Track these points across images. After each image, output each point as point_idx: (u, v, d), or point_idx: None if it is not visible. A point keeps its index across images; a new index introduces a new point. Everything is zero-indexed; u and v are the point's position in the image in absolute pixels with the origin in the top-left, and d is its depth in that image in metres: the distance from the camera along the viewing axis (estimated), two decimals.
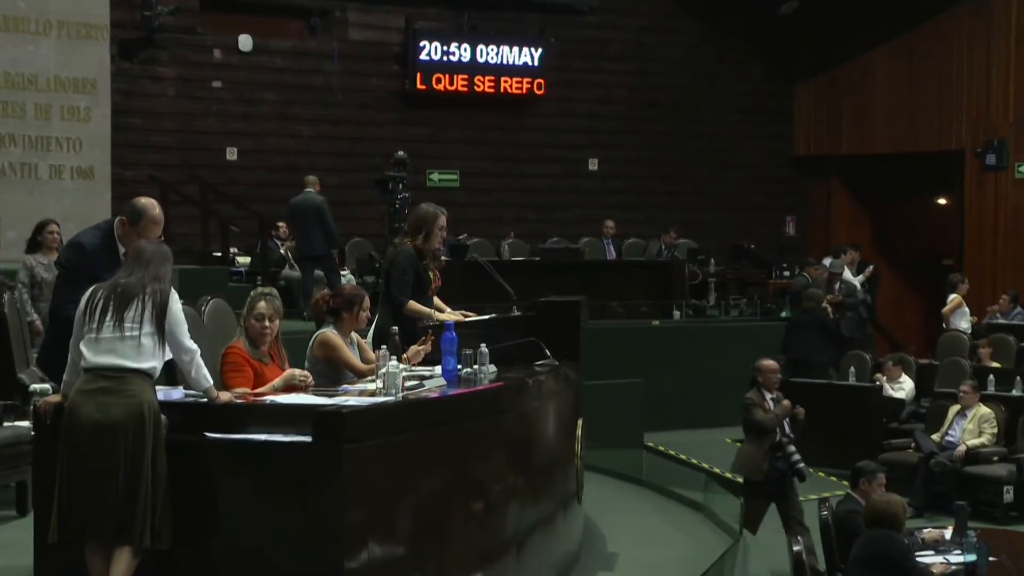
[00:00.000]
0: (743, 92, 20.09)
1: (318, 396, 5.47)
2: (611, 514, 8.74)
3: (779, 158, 20.49)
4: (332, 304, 6.77)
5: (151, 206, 5.91)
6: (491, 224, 18.20)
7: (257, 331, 5.99)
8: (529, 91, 18.60)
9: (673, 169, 19.55)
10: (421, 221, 7.69)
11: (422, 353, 6.55)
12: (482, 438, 5.70)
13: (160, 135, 16.57)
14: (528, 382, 6.35)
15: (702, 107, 19.73)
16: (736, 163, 19.93)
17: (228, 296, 7.21)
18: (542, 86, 18.63)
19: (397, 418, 5.05)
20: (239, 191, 16.55)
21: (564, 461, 7.09)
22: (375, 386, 5.49)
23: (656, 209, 19.22)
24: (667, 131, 19.56)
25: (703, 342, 14.85)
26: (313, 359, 6.65)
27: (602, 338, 12.91)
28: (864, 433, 12.68)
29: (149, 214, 5.87)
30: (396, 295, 7.49)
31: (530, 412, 6.36)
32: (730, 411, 13.76)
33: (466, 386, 6.01)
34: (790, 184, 20.61)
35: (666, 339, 14.73)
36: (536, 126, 18.93)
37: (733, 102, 19.97)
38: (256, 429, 4.98)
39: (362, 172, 16.70)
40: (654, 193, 19.45)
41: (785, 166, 20.60)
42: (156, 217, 5.89)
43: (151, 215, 5.87)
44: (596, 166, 19.44)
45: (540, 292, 8.16)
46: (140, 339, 5.01)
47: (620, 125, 19.42)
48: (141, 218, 5.83)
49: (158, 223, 5.89)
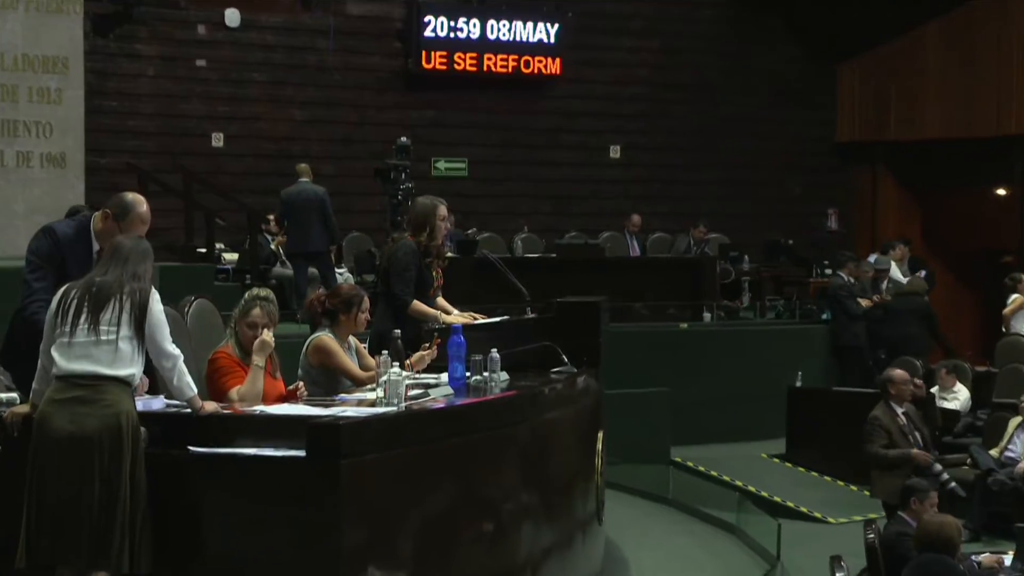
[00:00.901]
0: (780, 72, 20.04)
1: (313, 406, 5.47)
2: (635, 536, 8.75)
3: (820, 145, 20.43)
4: (328, 305, 6.78)
5: (139, 202, 5.91)
6: (502, 217, 18.17)
7: (249, 340, 5.99)
8: (544, 71, 18.58)
9: (702, 157, 19.51)
10: (421, 217, 7.71)
11: (427, 359, 6.55)
12: (493, 452, 5.70)
13: (139, 119, 16.58)
14: (543, 391, 6.35)
15: (734, 88, 19.68)
16: (772, 150, 19.87)
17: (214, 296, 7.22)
18: (559, 65, 18.61)
19: (399, 430, 5.05)
20: (226, 180, 16.54)
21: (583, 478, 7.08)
22: (375, 395, 5.49)
23: (684, 201, 19.17)
24: (696, 115, 19.52)
25: (736, 347, 14.81)
26: (307, 366, 6.65)
27: (625, 343, 12.89)
28: None
29: (137, 211, 5.87)
30: (398, 294, 7.49)
31: (546, 424, 6.35)
32: (766, 422, 13.78)
33: (475, 395, 6.02)
34: (832, 173, 20.55)
35: (695, 344, 14.70)
36: (552, 109, 18.90)
37: (769, 83, 19.91)
38: (245, 442, 4.98)
39: (360, 160, 16.68)
40: (681, 183, 19.41)
41: (826, 153, 20.54)
42: (144, 215, 5.89)
43: (139, 212, 5.87)
44: (618, 153, 19.40)
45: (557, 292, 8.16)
46: (117, 343, 5.01)
47: (644, 108, 19.38)
48: (128, 214, 5.83)
49: (145, 222, 5.89)
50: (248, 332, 6.03)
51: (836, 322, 15.34)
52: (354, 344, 6.90)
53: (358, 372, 6.63)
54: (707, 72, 19.64)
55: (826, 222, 19.62)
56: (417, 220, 7.72)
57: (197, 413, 5.17)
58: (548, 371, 6.86)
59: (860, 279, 15.85)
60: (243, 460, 4.87)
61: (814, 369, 14.59)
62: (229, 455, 4.93)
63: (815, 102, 20.36)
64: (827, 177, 20.43)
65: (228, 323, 6.25)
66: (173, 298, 6.95)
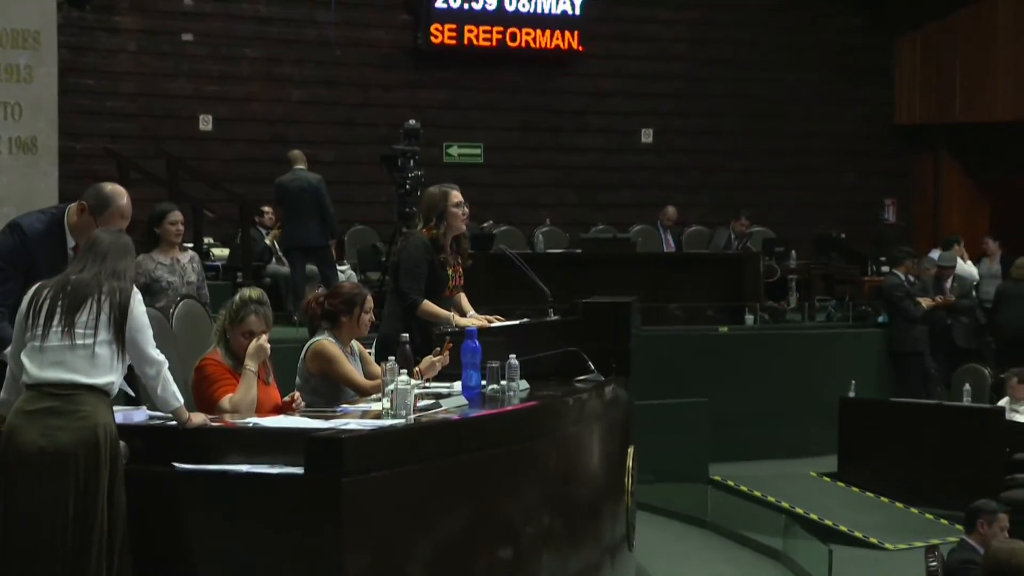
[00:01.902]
0: (831, 46, 20.00)
1: (311, 418, 5.48)
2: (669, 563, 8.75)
3: (876, 127, 20.40)
4: (328, 306, 6.79)
5: (119, 194, 5.92)
6: (522, 209, 18.18)
7: (243, 348, 6.01)
8: (568, 46, 18.57)
9: (745, 141, 19.49)
10: (431, 206, 7.72)
11: (438, 366, 6.55)
12: (511, 470, 5.70)
13: (118, 99, 16.64)
14: (567, 402, 6.35)
15: (781, 64, 19.65)
16: (823, 133, 19.84)
17: None
18: (584, 40, 18.60)
19: (408, 445, 5.06)
20: (215, 168, 16.59)
21: (612, 498, 7.08)
22: (381, 406, 5.50)
23: (724, 190, 19.15)
24: (738, 95, 19.50)
25: (782, 353, 14.78)
26: (305, 373, 6.66)
27: (658, 348, 12.87)
28: (982, 465, 12.59)
29: (117, 204, 5.87)
30: (407, 292, 7.50)
31: (570, 438, 6.35)
32: (816, 437, 13.76)
33: (492, 406, 6.02)
34: (889, 159, 20.51)
35: (737, 349, 14.68)
36: (577, 89, 18.91)
37: (819, 59, 19.88)
38: (236, 458, 4.99)
39: (365, 145, 16.71)
40: (721, 171, 19.39)
41: (884, 137, 20.50)
42: (124, 209, 5.90)
43: (119, 206, 5.88)
44: (650, 138, 19.40)
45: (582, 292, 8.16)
46: (94, 349, 5.02)
47: (680, 87, 19.37)
48: (107, 208, 5.83)
49: (126, 216, 5.89)
50: (243, 341, 6.04)
51: (894, 326, 15.31)
52: (357, 349, 6.91)
53: (362, 380, 6.64)
54: (751, 46, 19.61)
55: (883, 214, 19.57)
56: (427, 211, 7.73)
57: (183, 426, 5.18)
58: (572, 380, 6.85)
59: (921, 278, 15.81)
60: (234, 478, 4.87)
61: (869, 378, 14.55)
62: (219, 472, 4.93)
63: (871, 79, 20.32)
64: (884, 163, 20.39)
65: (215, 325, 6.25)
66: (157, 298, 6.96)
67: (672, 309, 15.12)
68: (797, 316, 16.41)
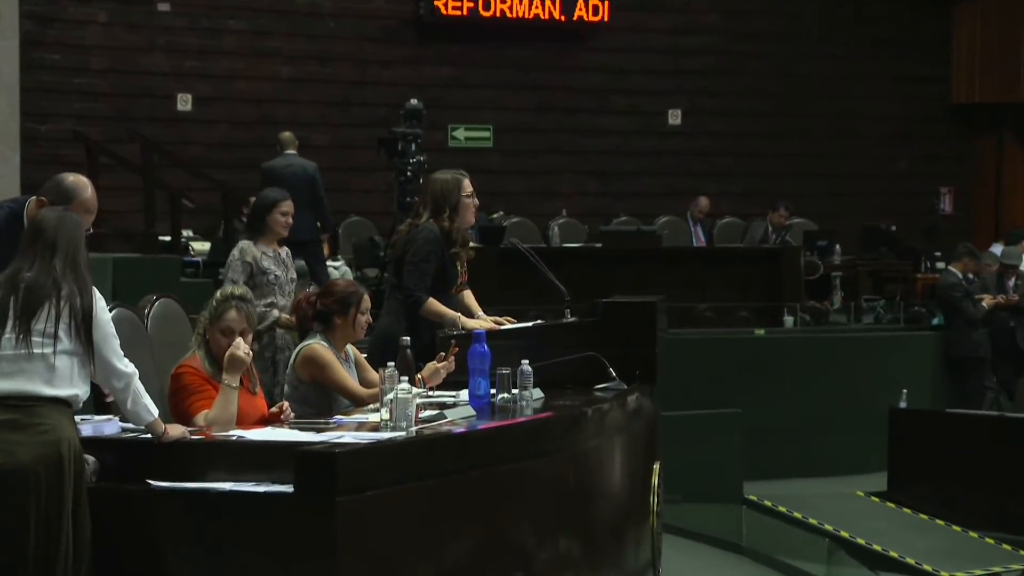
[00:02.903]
0: (880, 18, 19.99)
1: (302, 430, 5.49)
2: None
3: (930, 107, 20.37)
4: (319, 306, 6.79)
5: (83, 186, 5.91)
6: (536, 198, 18.18)
7: (223, 349, 6.01)
8: (589, 17, 18.57)
9: (784, 123, 19.48)
10: (442, 194, 7.71)
11: (443, 372, 6.56)
12: (524, 488, 5.70)
13: (87, 76, 16.65)
14: (586, 412, 6.35)
15: (824, 38, 19.64)
16: (871, 114, 19.82)
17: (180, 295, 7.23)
18: (606, 10, 18.61)
19: (409, 460, 5.06)
20: (195, 153, 16.61)
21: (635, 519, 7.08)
22: (379, 417, 5.50)
23: (760, 178, 19.14)
24: (776, 72, 19.49)
25: (825, 359, 14.77)
26: (295, 381, 6.67)
27: (687, 353, 12.87)
28: None
29: (80, 197, 5.87)
30: (411, 289, 7.50)
31: (589, 453, 6.36)
32: (863, 453, 13.73)
33: (502, 417, 6.03)
34: (945, 143, 20.48)
35: (775, 355, 14.66)
36: (598, 65, 18.91)
37: (866, 32, 19.86)
38: (218, 475, 5.00)
39: (361, 128, 16.71)
40: (758, 156, 19.38)
41: (939, 118, 20.47)
42: (89, 202, 5.89)
43: (83, 199, 5.87)
44: (679, 119, 19.39)
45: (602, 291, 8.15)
46: (54, 359, 4.99)
47: (712, 63, 19.36)
48: (69, 202, 5.82)
49: (91, 211, 5.89)
50: (222, 340, 6.04)
51: (950, 329, 15.28)
52: (352, 354, 6.91)
53: (357, 389, 6.64)
54: (790, 18, 19.61)
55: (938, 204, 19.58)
56: (437, 199, 7.71)
57: (159, 439, 5.18)
58: (592, 388, 6.85)
59: (981, 275, 15.78)
60: (216, 497, 4.88)
61: (922, 386, 14.54)
62: (199, 491, 4.93)
63: (925, 54, 20.29)
64: (940, 148, 20.37)
65: (196, 329, 6.25)
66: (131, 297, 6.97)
67: (702, 310, 15.12)
68: (842, 318, 16.40)
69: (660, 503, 7.42)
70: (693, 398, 12.47)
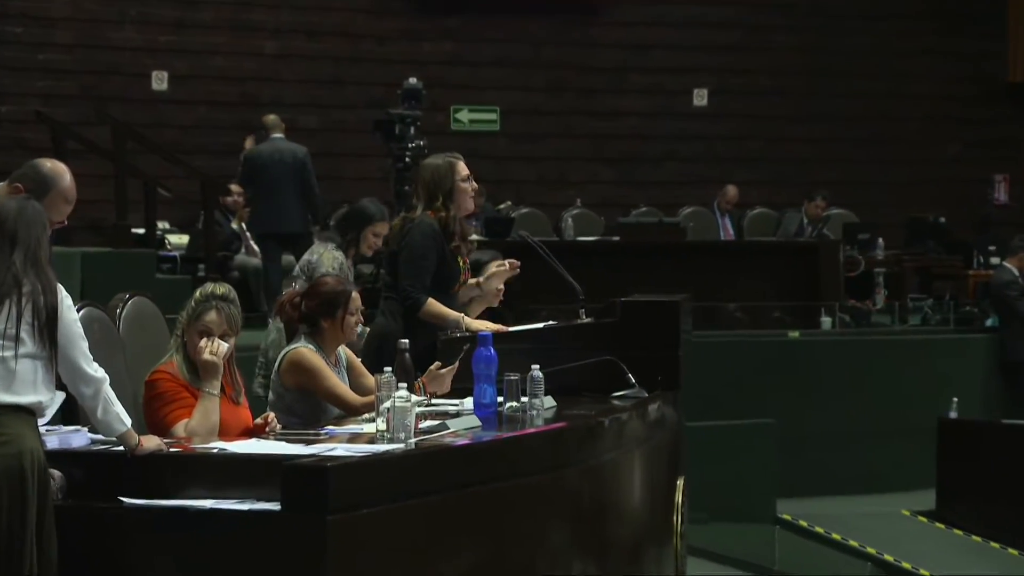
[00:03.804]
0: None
1: (289, 443, 5.50)
2: None
3: (984, 86, 20.35)
4: (306, 307, 6.78)
5: (62, 174, 5.89)
6: (547, 187, 18.18)
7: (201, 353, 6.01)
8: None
9: (820, 104, 19.46)
10: (433, 181, 7.70)
11: (446, 378, 6.56)
12: (534, 506, 5.71)
13: (53, 51, 16.66)
14: (602, 423, 6.35)
15: (864, 9, 19.63)
16: (917, 94, 19.80)
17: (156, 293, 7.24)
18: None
19: (407, 475, 5.07)
20: (171, 136, 16.61)
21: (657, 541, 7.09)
22: (374, 428, 5.51)
23: (795, 164, 19.14)
24: (811, 47, 19.48)
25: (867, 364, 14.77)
26: (280, 388, 6.67)
27: (714, 357, 12.87)
28: None
29: (60, 185, 5.84)
30: (408, 289, 7.50)
31: (605, 467, 6.36)
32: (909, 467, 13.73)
33: (510, 428, 6.03)
34: (999, 126, 20.44)
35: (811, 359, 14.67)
36: (615, 40, 18.91)
37: (912, 2, 19.84)
38: (198, 492, 5.00)
39: (354, 109, 16.74)
40: (792, 140, 19.37)
41: (993, 98, 20.44)
42: (68, 192, 5.86)
43: (62, 187, 5.85)
44: (704, 100, 19.39)
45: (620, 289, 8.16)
46: (16, 361, 4.99)
47: (740, 37, 19.35)
48: (48, 190, 5.80)
49: (70, 201, 5.87)
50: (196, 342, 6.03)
51: (1006, 330, 15.27)
52: (344, 357, 6.90)
53: (350, 396, 6.63)
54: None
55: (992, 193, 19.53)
56: (429, 188, 7.71)
57: (132, 452, 5.18)
58: (609, 396, 6.86)
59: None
60: (195, 516, 4.88)
61: (974, 394, 14.54)
62: (176, 509, 4.94)
63: (977, 27, 20.26)
64: (993, 131, 20.32)
65: (174, 331, 6.25)
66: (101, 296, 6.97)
67: (731, 310, 15.13)
68: (885, 318, 16.40)
69: (684, 523, 7.42)
70: (721, 407, 12.49)
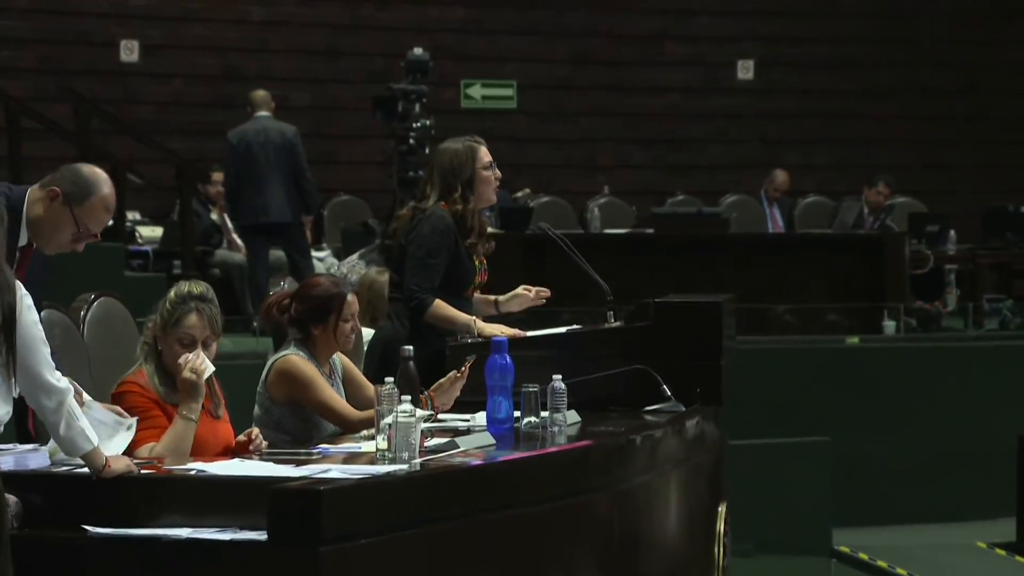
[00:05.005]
0: None
1: (277, 463, 5.51)
2: None
3: None
4: (295, 311, 6.78)
5: (103, 181, 5.91)
6: (571, 172, 18.19)
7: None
8: None
9: (883, 77, 19.45)
10: (451, 169, 7.70)
11: (454, 390, 6.56)
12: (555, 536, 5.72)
13: (7, 18, 16.68)
14: (633, 441, 6.36)
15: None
16: (996, 63, 19.77)
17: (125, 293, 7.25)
18: None
19: (411, 500, 5.08)
20: (144, 115, 16.63)
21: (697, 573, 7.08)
22: (374, 446, 5.52)
23: (854, 146, 19.12)
24: (873, 11, 19.46)
25: (937, 374, 14.75)
26: (268, 402, 6.67)
27: (761, 366, 12.86)
28: None
29: (101, 192, 5.84)
30: (413, 290, 7.51)
31: (637, 492, 6.37)
32: (986, 493, 13.71)
33: (528, 447, 6.04)
34: None
35: (872, 369, 14.65)
36: (649, 6, 18.90)
37: None
38: (172, 519, 5.02)
39: (351, 84, 16.75)
40: (851, 118, 19.35)
41: None
42: (109, 200, 5.88)
43: (104, 195, 5.84)
44: (750, 73, 19.38)
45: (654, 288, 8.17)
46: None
47: (791, 2, 19.33)
48: (88, 196, 5.79)
49: (111, 210, 5.90)
50: (179, 351, 6.04)
51: None
52: (340, 365, 6.91)
53: (347, 410, 6.63)
54: None
55: None
56: (446, 175, 7.70)
57: (99, 474, 5.19)
58: (641, 410, 6.87)
59: None
60: (169, 547, 4.90)
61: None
62: (147, 539, 4.95)
63: None
64: None
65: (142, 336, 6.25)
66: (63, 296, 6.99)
67: (780, 312, 15.13)
68: (958, 323, 16.39)
69: (727, 555, 7.43)
70: (769, 423, 12.48)
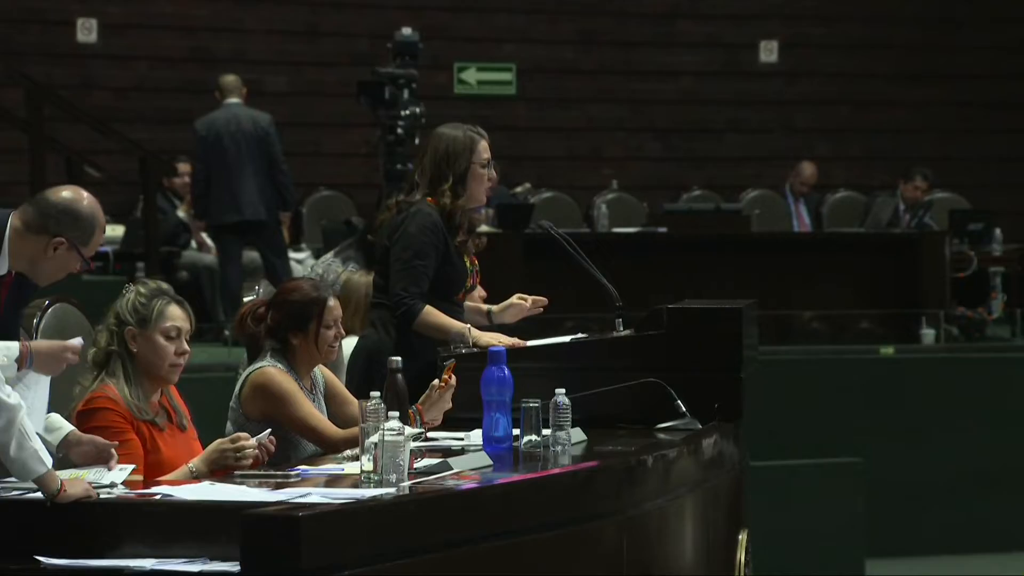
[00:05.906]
0: None
1: (251, 486, 5.52)
2: None
3: None
4: (272, 319, 6.79)
5: (97, 209, 5.92)
6: (575, 165, 18.21)
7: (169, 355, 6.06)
8: None
9: (919, 61, 19.47)
10: (446, 156, 7.70)
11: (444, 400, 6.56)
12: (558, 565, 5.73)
13: None
14: (644, 461, 6.37)
15: None
16: None
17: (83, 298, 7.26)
18: None
19: (399, 527, 5.08)
20: (102, 101, 16.65)
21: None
22: (358, 468, 5.54)
23: (889, 136, 19.14)
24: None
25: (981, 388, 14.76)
26: (241, 418, 6.67)
27: (786, 379, 12.87)
28: None
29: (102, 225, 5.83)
30: (400, 295, 7.52)
31: (648, 518, 6.38)
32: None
33: (529, 468, 6.05)
34: None
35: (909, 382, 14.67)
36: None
37: None
38: (136, 549, 5.03)
39: (333, 68, 16.77)
40: (885, 106, 19.37)
41: None
42: (104, 225, 5.93)
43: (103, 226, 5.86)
44: (774, 55, 19.40)
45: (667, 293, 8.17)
46: None
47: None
48: (93, 234, 5.79)
49: (104, 231, 5.95)
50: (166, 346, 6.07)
51: None
52: (322, 380, 6.91)
53: (329, 428, 6.64)
54: None
55: None
56: (439, 163, 7.70)
57: (54, 499, 5.19)
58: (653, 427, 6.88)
59: None
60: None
61: None
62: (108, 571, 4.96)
63: None
64: None
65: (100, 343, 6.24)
66: None
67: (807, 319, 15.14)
68: (1004, 331, 16.41)
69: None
70: (795, 442, 12.49)
